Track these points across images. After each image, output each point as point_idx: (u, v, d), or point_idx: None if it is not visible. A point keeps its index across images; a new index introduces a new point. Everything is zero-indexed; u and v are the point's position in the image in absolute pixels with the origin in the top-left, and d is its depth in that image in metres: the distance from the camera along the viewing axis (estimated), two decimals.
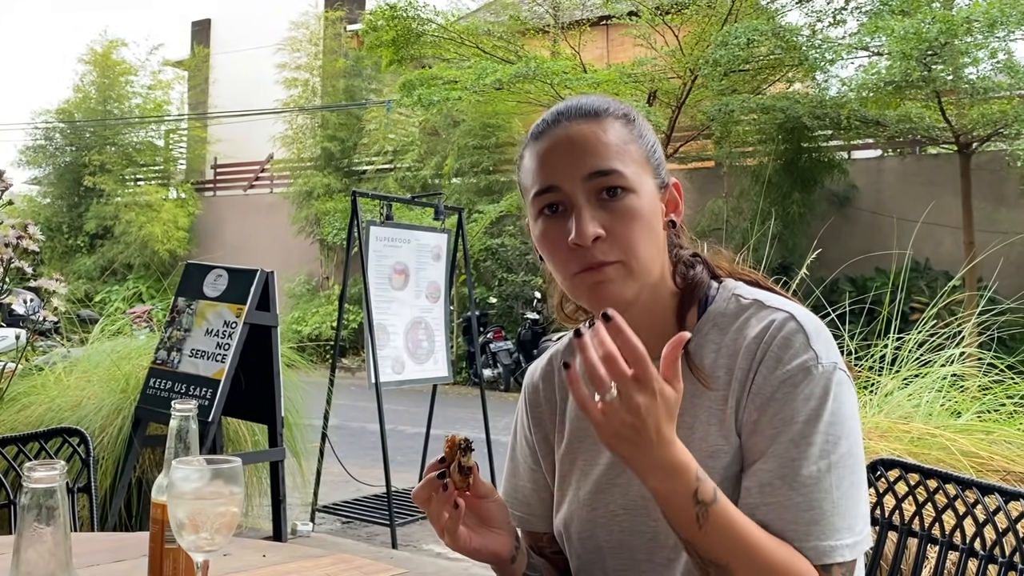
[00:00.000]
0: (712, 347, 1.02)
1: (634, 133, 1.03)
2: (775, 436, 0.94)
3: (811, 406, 0.93)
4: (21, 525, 0.72)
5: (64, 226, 17.74)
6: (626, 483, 1.05)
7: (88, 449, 1.67)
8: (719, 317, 1.03)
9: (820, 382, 0.94)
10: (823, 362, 0.95)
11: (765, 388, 0.96)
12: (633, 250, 0.98)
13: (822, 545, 0.91)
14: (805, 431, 0.93)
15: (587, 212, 0.98)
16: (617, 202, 0.98)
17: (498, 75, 9.61)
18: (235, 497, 0.96)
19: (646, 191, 1.01)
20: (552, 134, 1.02)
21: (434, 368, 4.93)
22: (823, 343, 0.98)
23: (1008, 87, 8.57)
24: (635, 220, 0.98)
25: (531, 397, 1.20)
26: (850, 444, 0.94)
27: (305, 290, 15.19)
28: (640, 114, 1.08)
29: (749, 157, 11.54)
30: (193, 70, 19.76)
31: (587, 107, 1.03)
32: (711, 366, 1.01)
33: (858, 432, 0.97)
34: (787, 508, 0.92)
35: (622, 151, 1.00)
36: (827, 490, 0.92)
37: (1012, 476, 2.33)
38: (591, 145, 1.00)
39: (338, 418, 5.37)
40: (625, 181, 0.99)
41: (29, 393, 3.75)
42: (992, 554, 1.40)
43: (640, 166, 1.01)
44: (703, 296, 1.06)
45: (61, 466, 0.73)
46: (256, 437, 4.07)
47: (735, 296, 1.04)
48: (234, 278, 3.50)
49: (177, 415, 1.04)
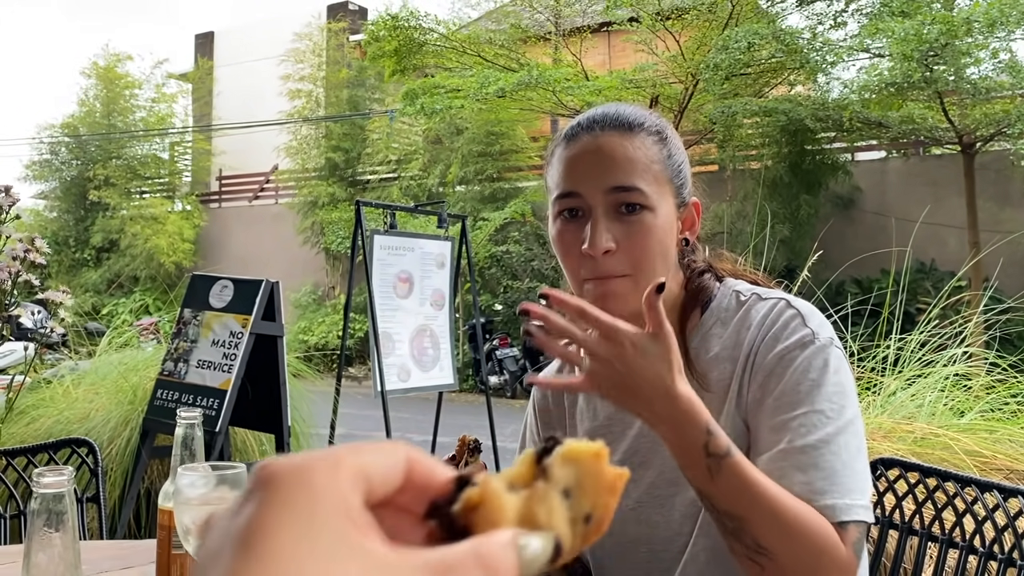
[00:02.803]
0: (716, 340, 1.06)
1: (663, 152, 1.05)
2: (779, 408, 0.97)
3: (812, 376, 0.96)
4: (31, 530, 0.74)
5: (71, 240, 17.83)
6: (636, 480, 1.08)
7: (96, 459, 1.69)
8: (722, 312, 1.08)
9: (819, 354, 0.98)
10: (820, 337, 0.99)
11: (765, 365, 1.00)
12: (642, 266, 1.01)
13: (839, 503, 0.91)
14: (809, 399, 0.95)
15: (603, 224, 1.01)
16: (633, 218, 1.01)
17: (500, 83, 9.64)
18: None
19: (664, 210, 1.03)
20: (583, 141, 1.04)
21: (440, 376, 4.94)
22: (817, 322, 1.02)
23: (1010, 87, 8.57)
24: (648, 238, 1.01)
25: (540, 402, 1.24)
26: (854, 412, 0.97)
27: (311, 300, 15.23)
28: (674, 131, 1.10)
29: (752, 160, 11.54)
30: (197, 82, 19.86)
31: (622, 119, 1.05)
32: (715, 359, 1.05)
33: (858, 406, 1.00)
34: (800, 470, 0.92)
35: (647, 169, 1.03)
36: (836, 452, 0.93)
37: (1016, 475, 2.34)
38: (618, 159, 1.02)
39: (345, 427, 5.39)
40: (644, 199, 1.01)
41: (38, 406, 3.78)
42: (991, 551, 1.41)
43: (662, 185, 1.04)
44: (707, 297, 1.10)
45: (69, 472, 0.75)
46: (264, 447, 4.09)
47: (735, 292, 1.09)
48: (239, 289, 3.52)
49: (183, 423, 1.06)
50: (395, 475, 0.32)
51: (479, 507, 0.32)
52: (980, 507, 1.44)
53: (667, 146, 1.06)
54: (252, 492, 0.29)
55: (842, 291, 7.42)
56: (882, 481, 1.59)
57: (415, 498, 0.33)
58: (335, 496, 0.29)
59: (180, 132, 19.25)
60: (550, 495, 0.33)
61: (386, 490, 0.32)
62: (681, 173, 1.07)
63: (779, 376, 0.98)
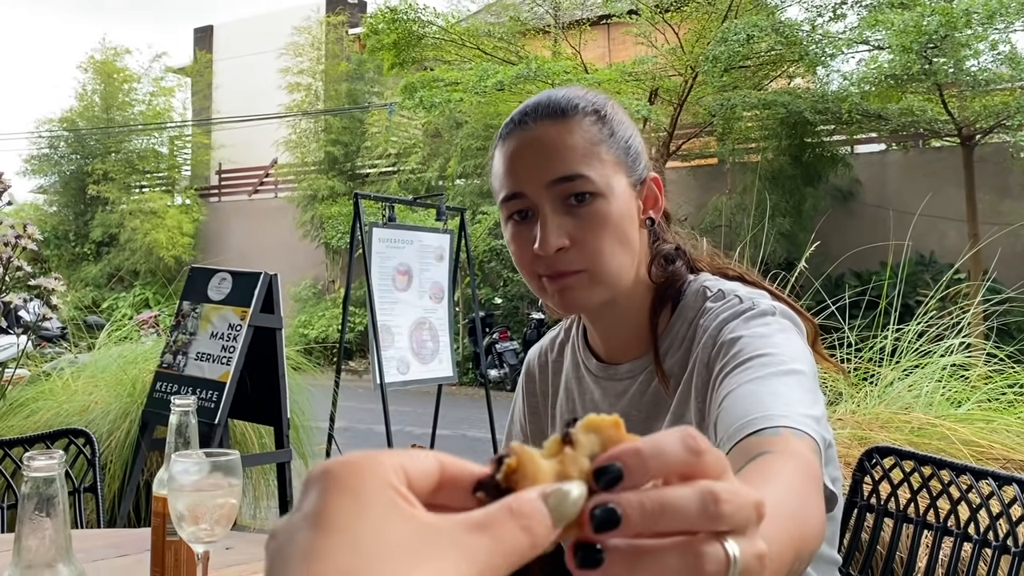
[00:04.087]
0: (679, 340, 1.02)
1: (605, 131, 0.99)
2: (728, 363, 0.90)
3: (756, 331, 0.91)
4: (22, 514, 0.74)
5: (70, 234, 17.84)
6: None
7: (94, 449, 1.69)
8: (687, 311, 1.02)
9: (758, 320, 0.93)
10: (760, 306, 0.95)
11: (709, 343, 0.95)
12: (599, 258, 0.97)
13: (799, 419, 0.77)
14: (757, 345, 0.89)
15: (552, 221, 0.96)
16: (584, 208, 0.96)
17: (500, 76, 9.62)
18: (234, 489, 0.98)
19: (617, 193, 0.97)
20: (518, 136, 0.98)
21: (439, 368, 4.94)
22: (760, 299, 0.97)
23: (1010, 79, 8.56)
24: (603, 227, 0.96)
25: (528, 386, 1.22)
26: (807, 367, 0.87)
27: (311, 294, 15.24)
28: (616, 105, 1.03)
29: (752, 153, 11.54)
30: (196, 76, 19.83)
31: (554, 106, 0.99)
32: (676, 359, 1.01)
33: (813, 366, 0.91)
34: (752, 396, 0.82)
35: (590, 153, 0.97)
36: (792, 386, 0.83)
37: (1012, 464, 2.34)
38: (556, 149, 0.96)
39: (345, 420, 5.40)
40: (592, 186, 0.96)
41: (37, 398, 3.79)
42: (986, 538, 1.41)
43: (611, 166, 0.98)
44: (677, 292, 1.04)
45: (60, 456, 0.75)
46: (263, 439, 4.10)
47: (703, 287, 1.03)
48: (238, 281, 3.52)
49: (177, 411, 1.06)
50: (431, 472, 0.37)
51: (517, 471, 0.37)
52: (975, 495, 1.44)
53: (608, 124, 0.99)
54: (310, 485, 0.34)
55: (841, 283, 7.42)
56: (877, 469, 1.60)
57: (451, 496, 0.37)
58: (380, 478, 0.34)
59: (179, 126, 19.23)
60: (579, 459, 0.38)
61: (423, 484, 0.36)
62: (631, 149, 1.01)
63: (725, 343, 0.92)
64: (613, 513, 0.36)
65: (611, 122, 1.00)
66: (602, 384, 1.08)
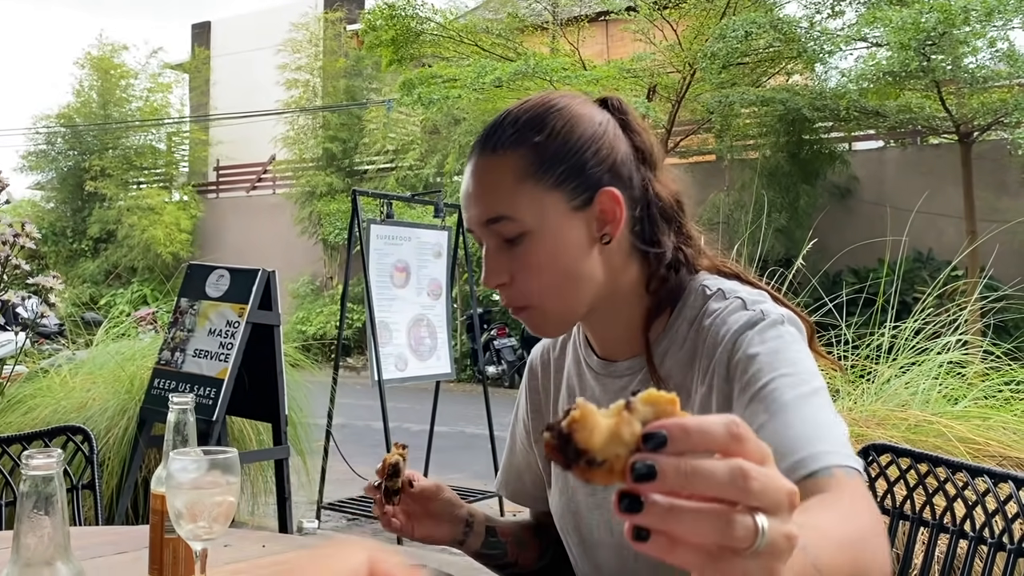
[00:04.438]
0: (679, 341, 1.00)
1: (539, 158, 0.95)
2: (751, 383, 0.89)
3: (770, 346, 0.90)
4: (20, 512, 0.74)
5: (68, 230, 17.82)
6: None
7: (92, 447, 1.69)
8: (688, 311, 1.01)
9: (771, 331, 0.91)
10: (769, 315, 0.93)
11: (722, 358, 0.93)
12: (540, 297, 0.96)
13: (838, 455, 0.80)
14: (775, 364, 0.88)
15: (492, 259, 0.96)
16: (517, 248, 0.95)
17: (498, 73, 9.62)
18: (232, 486, 0.98)
19: (552, 227, 0.94)
20: (467, 166, 0.99)
21: (437, 365, 4.95)
22: (766, 307, 0.95)
23: (1008, 76, 8.56)
24: (536, 266, 0.95)
25: (531, 383, 1.22)
26: (822, 384, 0.89)
27: (309, 290, 15.24)
28: (571, 114, 0.98)
29: (750, 150, 11.54)
30: (194, 72, 19.80)
31: (488, 137, 0.98)
32: (677, 362, 1.00)
33: (819, 373, 0.92)
34: (789, 428, 0.83)
35: (515, 190, 0.94)
36: (819, 408, 0.85)
37: (1008, 461, 2.35)
38: (483, 189, 0.96)
39: (343, 417, 5.40)
40: (517, 226, 0.94)
41: (35, 395, 3.79)
42: (982, 535, 1.42)
43: (543, 199, 0.94)
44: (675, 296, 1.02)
45: (58, 454, 0.75)
46: (261, 436, 4.11)
47: (703, 287, 1.01)
48: (236, 278, 3.52)
49: (175, 408, 1.06)
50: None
51: (579, 421, 0.44)
52: (971, 492, 1.44)
53: (544, 149, 0.95)
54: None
55: (839, 280, 7.43)
56: (873, 467, 1.60)
57: None
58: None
59: (177, 123, 19.21)
60: (633, 423, 0.45)
61: None
62: (574, 169, 0.95)
63: (744, 362, 0.90)
64: (651, 468, 0.43)
65: (550, 145, 0.96)
66: (602, 381, 1.07)
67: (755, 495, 0.45)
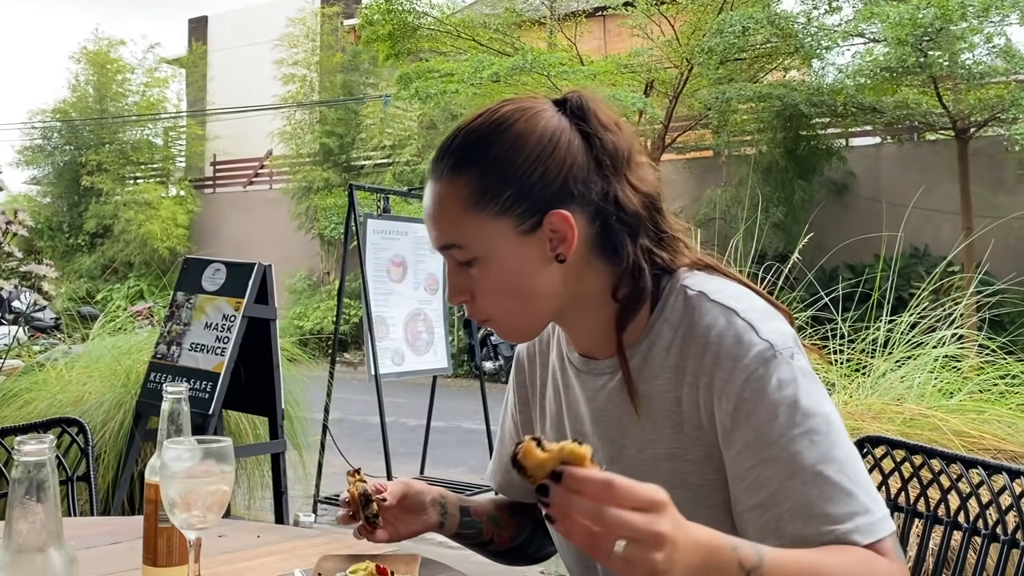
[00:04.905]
0: (664, 344, 0.98)
1: (479, 188, 0.94)
2: (760, 440, 0.89)
3: (786, 395, 0.89)
4: (12, 498, 0.74)
5: (64, 225, 17.79)
6: None
7: (87, 439, 1.69)
8: (669, 312, 0.98)
9: (784, 370, 0.90)
10: (779, 349, 0.91)
11: (728, 391, 0.91)
12: (496, 315, 0.99)
13: (863, 523, 0.85)
14: (791, 421, 0.88)
15: (453, 277, 0.99)
16: (471, 270, 0.97)
17: (495, 68, 9.60)
18: (226, 476, 0.98)
19: (501, 253, 0.95)
20: (426, 188, 1.00)
21: (433, 359, 4.95)
22: (770, 329, 0.93)
23: (1004, 71, 8.56)
24: (489, 288, 0.97)
25: (518, 377, 1.22)
26: (836, 418, 0.91)
27: (306, 286, 15.22)
28: (520, 132, 0.96)
29: (747, 146, 11.54)
30: (190, 67, 19.75)
31: (438, 160, 0.98)
32: (662, 366, 0.98)
33: (832, 405, 0.93)
34: (811, 505, 0.85)
35: (461, 220, 0.95)
36: (841, 471, 0.86)
37: (1003, 454, 2.35)
38: (435, 216, 0.98)
39: (340, 411, 5.40)
40: (467, 253, 0.96)
41: (31, 389, 3.78)
42: (976, 526, 1.42)
43: (489, 226, 0.94)
44: (656, 291, 1.00)
45: (50, 440, 0.75)
46: (258, 430, 4.10)
47: (683, 288, 0.98)
48: (232, 272, 3.52)
49: (169, 397, 1.06)
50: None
51: (523, 451, 0.72)
52: (965, 484, 1.45)
53: (490, 176, 0.94)
54: None
55: (835, 276, 7.44)
56: (868, 459, 1.60)
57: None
58: None
59: (174, 117, 19.17)
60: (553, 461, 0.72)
61: None
62: (520, 193, 0.94)
63: (750, 403, 0.89)
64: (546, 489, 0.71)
65: (492, 174, 0.95)
66: (582, 378, 1.07)
67: (609, 527, 0.70)
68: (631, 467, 1.00)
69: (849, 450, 0.89)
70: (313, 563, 1.09)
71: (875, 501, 0.87)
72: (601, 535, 0.70)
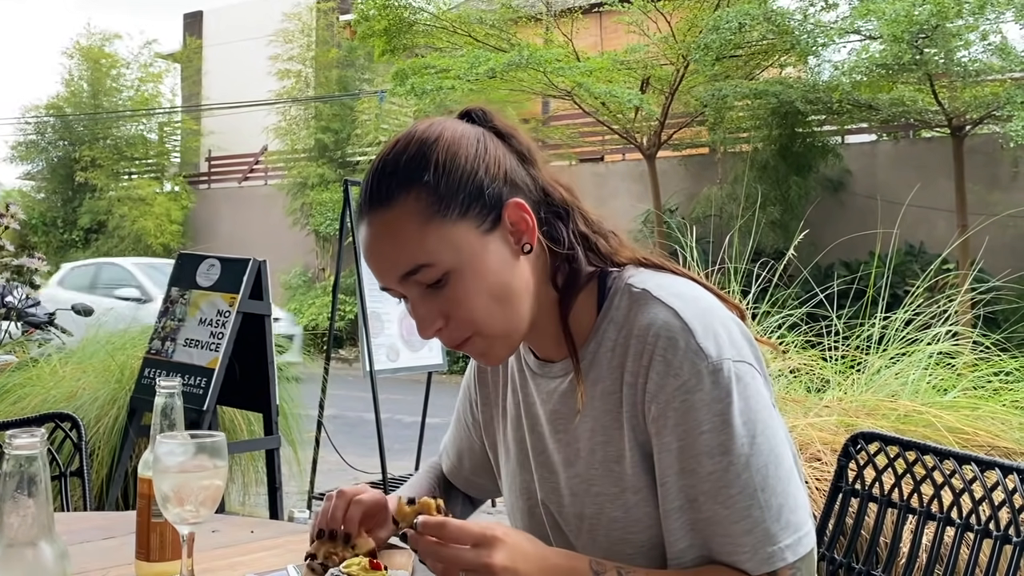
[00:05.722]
0: (609, 344, 0.98)
1: (434, 197, 0.93)
2: (684, 449, 0.91)
3: (715, 410, 0.90)
4: (3, 492, 0.74)
5: (59, 221, 17.74)
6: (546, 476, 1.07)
7: (80, 434, 1.69)
8: (614, 312, 0.99)
9: (717, 382, 0.90)
10: (714, 360, 0.90)
11: (660, 397, 0.92)
12: (480, 325, 0.95)
13: (761, 553, 0.89)
14: (715, 439, 0.89)
15: (420, 307, 0.95)
16: (442, 290, 0.94)
17: (491, 64, 9.58)
18: (219, 470, 0.98)
19: (472, 256, 0.93)
20: (362, 228, 0.96)
21: (428, 356, 4.95)
22: (712, 337, 0.92)
23: (1000, 69, 8.57)
24: (468, 298, 0.94)
25: (480, 376, 1.22)
26: (767, 439, 0.91)
27: (301, 282, 15.20)
28: (448, 139, 0.96)
29: (743, 143, 11.54)
30: (185, 62, 19.69)
31: (373, 192, 0.95)
32: (608, 367, 0.98)
33: (774, 423, 0.93)
34: (718, 523, 0.90)
35: (422, 236, 0.92)
36: (753, 495, 0.89)
37: (996, 451, 2.36)
38: (389, 246, 0.93)
39: (336, 408, 5.40)
40: (437, 270, 0.93)
41: (24, 384, 3.77)
42: (968, 522, 1.42)
43: (453, 232, 0.93)
44: (602, 290, 1.01)
45: (41, 433, 0.75)
46: (252, 426, 4.10)
47: (628, 286, 0.99)
48: (227, 267, 3.51)
49: (163, 392, 1.06)
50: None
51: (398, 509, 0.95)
52: (958, 480, 1.45)
53: (438, 187, 0.93)
54: None
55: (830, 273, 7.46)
56: (862, 454, 1.61)
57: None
58: None
59: (168, 112, 19.11)
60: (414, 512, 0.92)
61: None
62: (473, 193, 0.93)
63: (678, 412, 0.91)
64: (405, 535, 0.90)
65: (442, 180, 0.94)
66: (537, 381, 1.08)
67: (446, 562, 0.87)
68: (585, 470, 1.01)
69: (775, 471, 0.91)
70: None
71: (783, 530, 0.90)
72: (445, 570, 0.87)
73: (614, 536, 0.98)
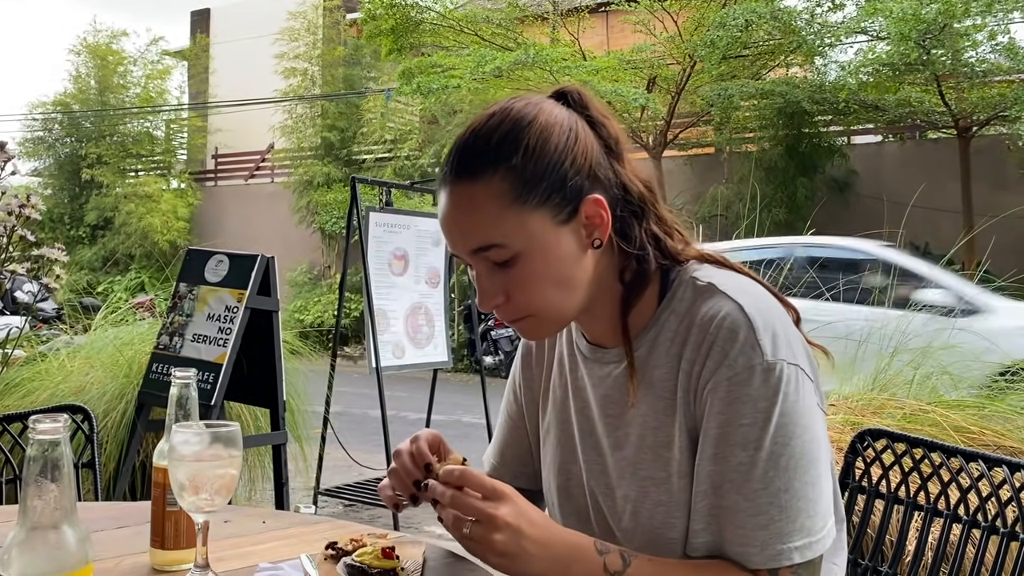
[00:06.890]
0: (669, 334, 1.00)
1: (519, 181, 0.94)
2: (721, 437, 0.93)
3: (759, 407, 0.91)
4: (27, 477, 0.75)
5: (65, 217, 17.80)
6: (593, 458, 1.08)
7: (92, 426, 1.70)
8: (677, 303, 1.00)
9: (767, 381, 0.91)
10: (769, 358, 0.92)
11: (710, 384, 0.94)
12: (538, 307, 0.97)
13: (770, 550, 0.91)
14: (752, 434, 0.91)
15: (484, 280, 0.97)
16: (509, 270, 0.95)
17: (497, 63, 9.60)
18: (234, 460, 0.99)
19: (543, 243, 0.95)
20: (443, 191, 0.97)
21: (434, 353, 4.96)
22: (771, 336, 0.93)
23: (1007, 70, 8.55)
24: (532, 282, 0.96)
25: (525, 357, 1.24)
26: (803, 443, 0.92)
27: (307, 279, 15.23)
28: (544, 127, 0.96)
29: (749, 143, 11.54)
30: (193, 59, 19.73)
31: (465, 163, 0.96)
32: (666, 355, 1.00)
33: (814, 428, 0.94)
34: (736, 513, 0.92)
35: (500, 217, 0.94)
36: (776, 495, 0.91)
37: (1002, 450, 2.36)
38: (467, 218, 0.95)
39: (341, 405, 5.40)
40: (508, 251, 0.94)
41: (33, 379, 3.79)
42: (975, 519, 1.43)
43: (530, 219, 0.94)
44: (665, 283, 1.02)
45: (64, 419, 0.76)
46: (259, 422, 4.11)
47: (692, 279, 1.01)
48: (235, 263, 3.52)
49: (177, 382, 1.07)
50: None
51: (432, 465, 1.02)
52: (964, 477, 1.46)
53: (524, 170, 0.94)
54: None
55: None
56: (869, 452, 1.61)
57: None
58: None
59: (175, 110, 19.15)
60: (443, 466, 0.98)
61: None
62: (555, 184, 0.95)
63: (724, 402, 0.93)
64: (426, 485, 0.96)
65: (529, 165, 0.94)
66: (589, 366, 1.09)
67: (457, 506, 0.90)
68: (634, 454, 1.03)
69: (802, 475, 0.92)
70: (319, 549, 1.10)
71: (797, 532, 0.91)
72: (455, 517, 0.91)
73: (657, 520, 0.99)
